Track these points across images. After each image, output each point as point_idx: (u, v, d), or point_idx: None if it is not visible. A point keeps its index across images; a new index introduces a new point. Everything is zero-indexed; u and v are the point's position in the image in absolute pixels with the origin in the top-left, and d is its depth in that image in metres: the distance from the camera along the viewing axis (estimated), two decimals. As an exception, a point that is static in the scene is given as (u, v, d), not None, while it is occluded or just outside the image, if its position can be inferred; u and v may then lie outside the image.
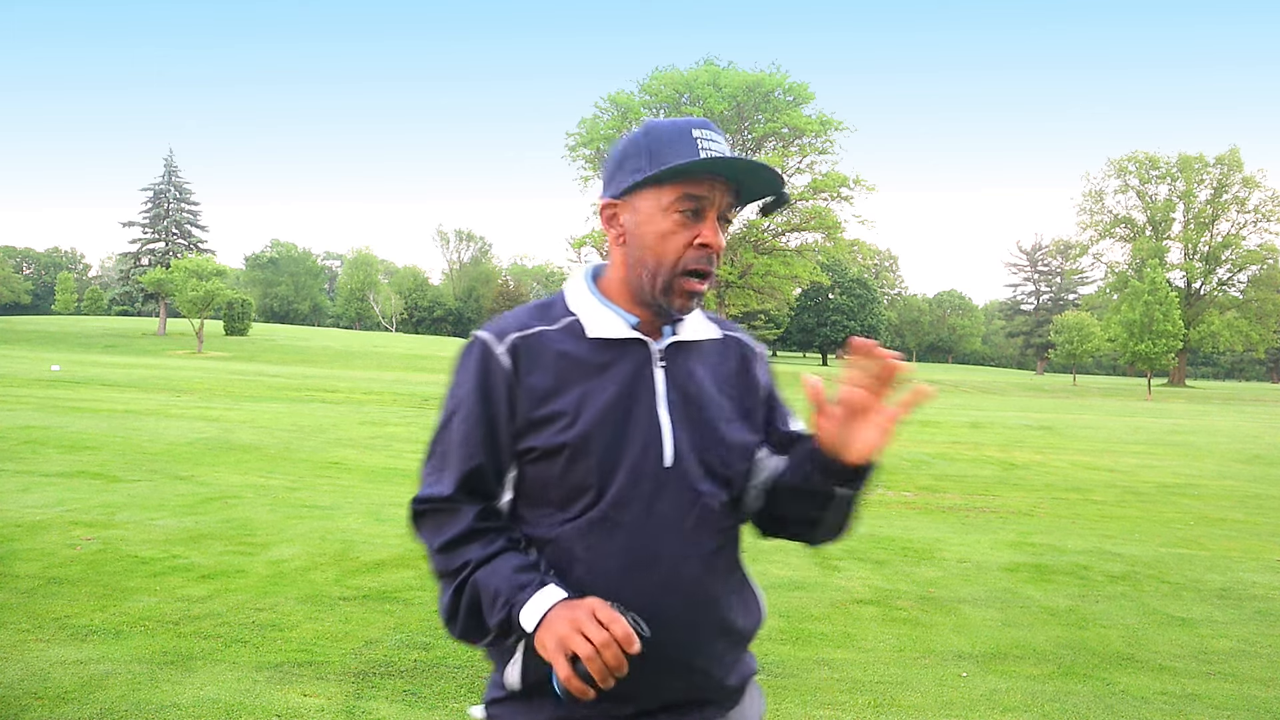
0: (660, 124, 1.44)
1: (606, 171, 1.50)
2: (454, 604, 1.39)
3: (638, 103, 51.70)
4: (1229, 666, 4.68)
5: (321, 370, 39.48)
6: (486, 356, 1.43)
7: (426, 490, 1.44)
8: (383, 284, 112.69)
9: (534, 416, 1.40)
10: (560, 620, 1.26)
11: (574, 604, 1.28)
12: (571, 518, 1.39)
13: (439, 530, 1.41)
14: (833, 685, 4.21)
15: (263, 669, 4.09)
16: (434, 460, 1.46)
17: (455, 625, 1.40)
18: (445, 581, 1.41)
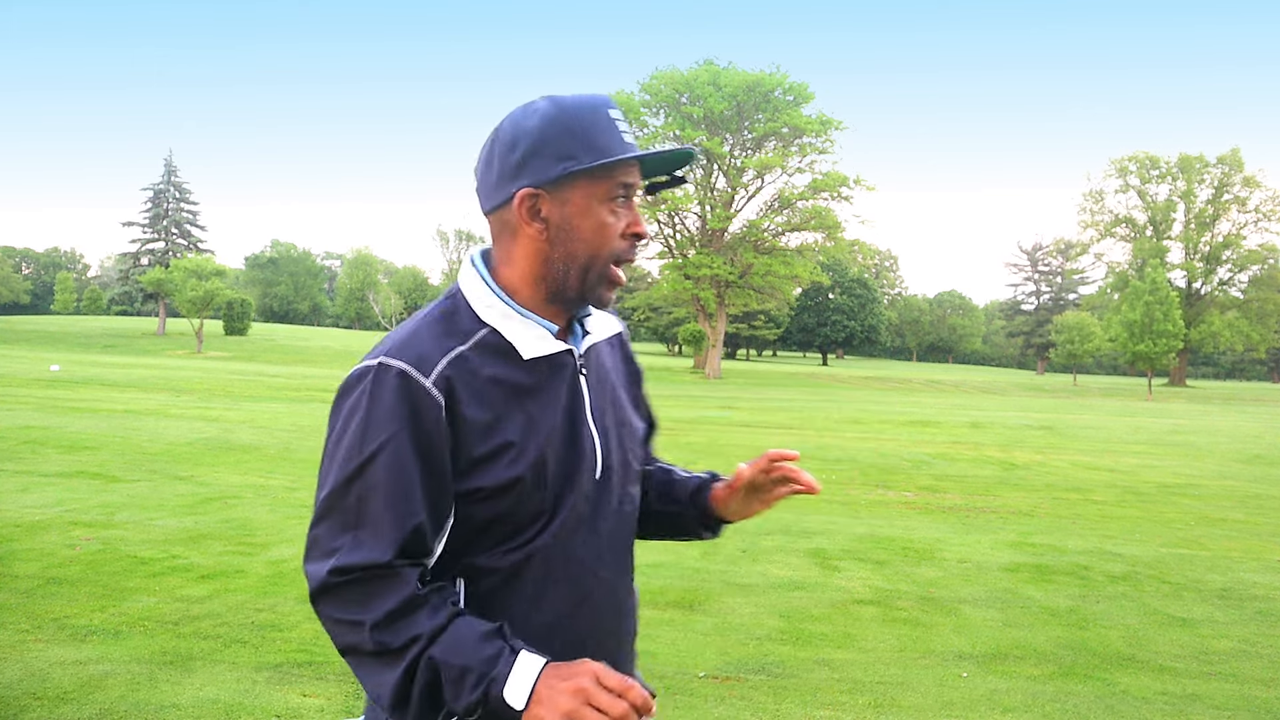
0: (575, 103, 1.31)
1: (515, 155, 1.27)
2: (403, 688, 1.16)
3: (638, 103, 51.70)
4: (1230, 667, 4.68)
5: (321, 370, 39.48)
6: (413, 392, 1.21)
7: (347, 558, 1.18)
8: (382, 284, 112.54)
9: (476, 455, 1.23)
10: (560, 694, 1.12)
11: (564, 670, 1.15)
12: (517, 547, 1.27)
13: (371, 601, 1.17)
14: (833, 685, 4.20)
15: (263, 669, 4.09)
16: (342, 518, 1.20)
17: (406, 712, 1.17)
18: (386, 661, 1.17)
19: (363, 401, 1.23)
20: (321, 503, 1.22)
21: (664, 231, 53.78)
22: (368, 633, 1.17)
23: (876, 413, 26.03)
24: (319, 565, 1.20)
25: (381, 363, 1.24)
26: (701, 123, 51.47)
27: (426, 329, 1.28)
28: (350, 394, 1.26)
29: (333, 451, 1.24)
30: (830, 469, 12.46)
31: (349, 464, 1.21)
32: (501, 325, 1.29)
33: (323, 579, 1.19)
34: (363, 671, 1.21)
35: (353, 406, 1.24)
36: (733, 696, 4.02)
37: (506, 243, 1.33)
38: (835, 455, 13.98)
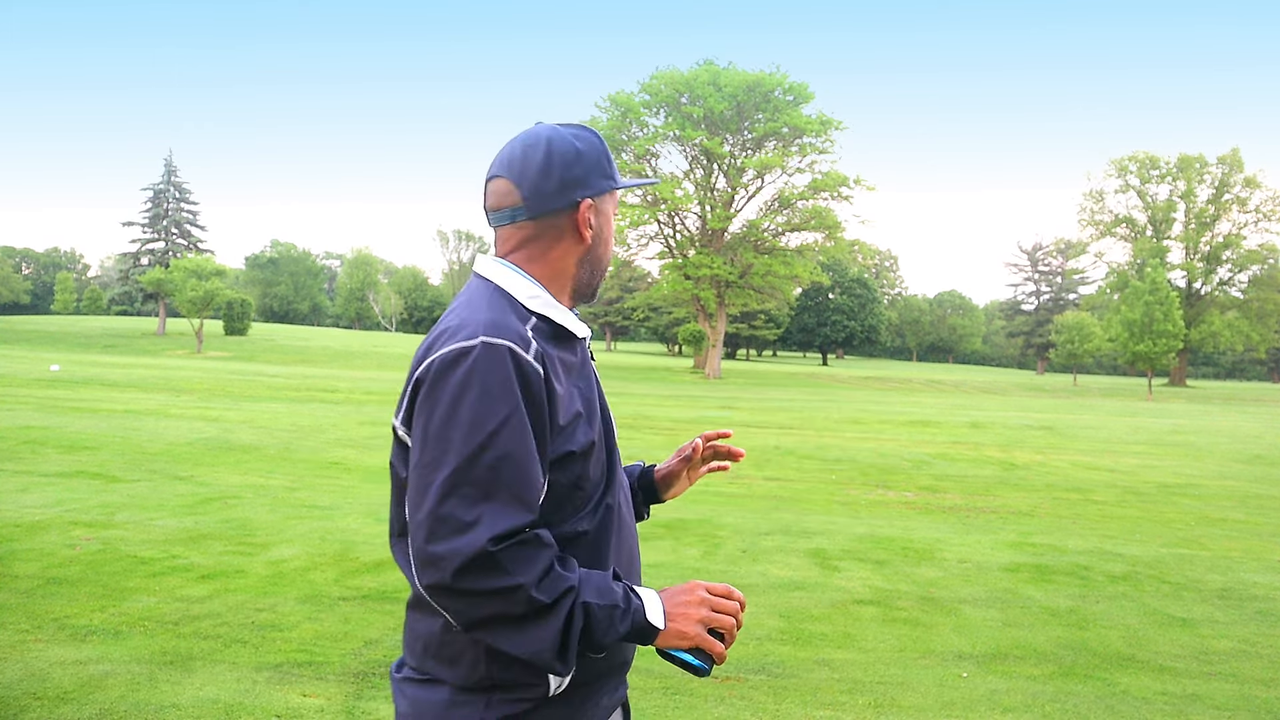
0: (593, 133, 1.55)
1: (577, 169, 1.48)
2: (564, 636, 1.29)
3: (638, 103, 51.66)
4: (1230, 667, 4.68)
5: (321, 370, 39.48)
6: (520, 365, 1.33)
7: (500, 524, 1.26)
8: (382, 284, 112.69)
9: (563, 422, 1.39)
10: (688, 608, 1.36)
11: (677, 590, 1.39)
12: (593, 509, 1.46)
13: (527, 564, 1.27)
14: (833, 685, 4.20)
15: (263, 669, 4.09)
16: (476, 490, 1.27)
17: (565, 657, 1.30)
18: (540, 618, 1.28)
19: (474, 378, 1.31)
20: (446, 480, 1.27)
21: (664, 231, 53.76)
22: (525, 594, 1.26)
23: (876, 413, 26.03)
24: (461, 539, 1.25)
25: (485, 341, 1.33)
26: (701, 123, 51.44)
27: (500, 314, 1.40)
28: (454, 372, 1.32)
29: (444, 430, 1.30)
30: (830, 469, 12.46)
31: (474, 437, 1.28)
32: (549, 313, 1.46)
33: (478, 550, 1.25)
34: (508, 636, 1.29)
35: (462, 384, 1.31)
36: (733, 696, 4.02)
37: (545, 243, 1.50)
38: (835, 455, 13.98)
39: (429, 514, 1.27)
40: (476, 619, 1.29)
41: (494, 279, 1.48)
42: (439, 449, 1.29)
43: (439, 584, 1.26)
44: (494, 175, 1.51)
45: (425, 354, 1.37)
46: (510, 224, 1.50)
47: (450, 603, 1.28)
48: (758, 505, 9.31)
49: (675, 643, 1.35)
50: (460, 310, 1.42)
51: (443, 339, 1.37)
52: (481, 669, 1.37)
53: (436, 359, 1.34)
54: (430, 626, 1.42)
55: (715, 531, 7.63)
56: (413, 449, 1.35)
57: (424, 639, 1.43)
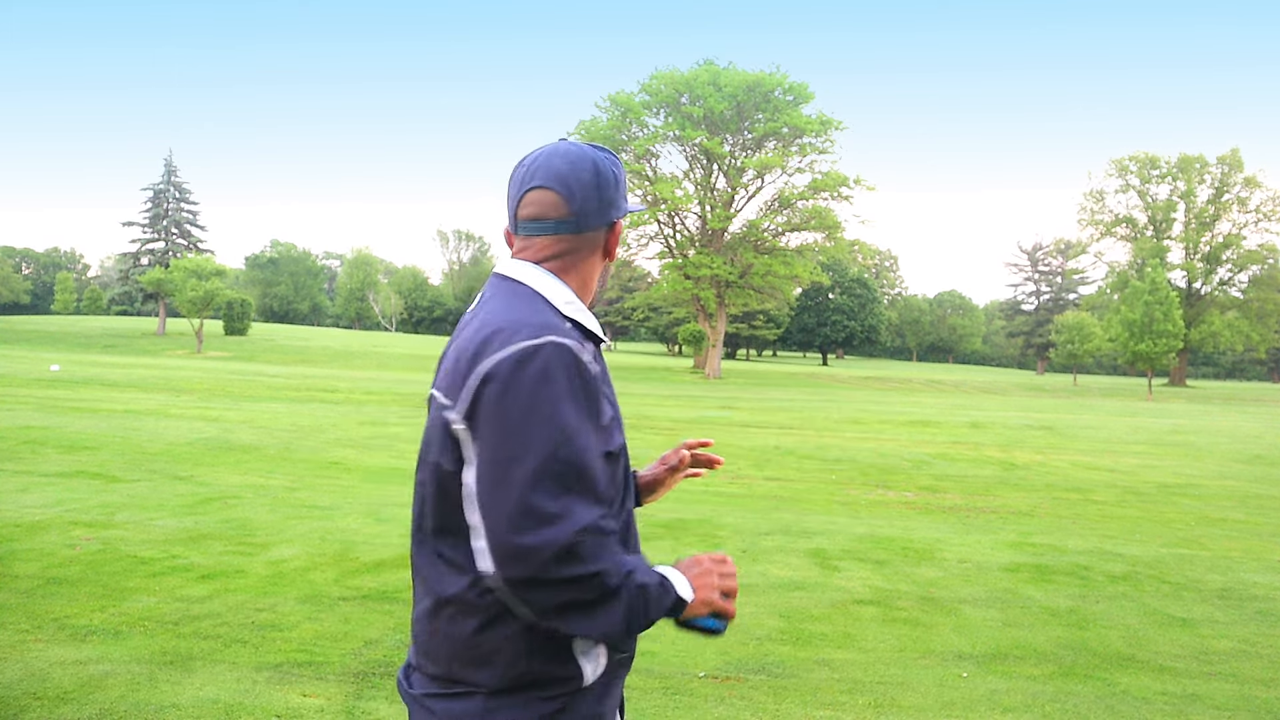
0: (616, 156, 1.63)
1: (616, 191, 1.57)
2: (628, 615, 1.36)
3: (638, 103, 51.66)
4: (1230, 667, 4.68)
5: (321, 370, 39.48)
6: (582, 366, 1.40)
7: (587, 516, 1.33)
8: (382, 284, 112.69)
9: (605, 421, 1.45)
10: (704, 577, 1.47)
11: (689, 563, 1.49)
12: (619, 509, 1.51)
13: (605, 551, 1.34)
14: (833, 685, 4.20)
15: (263, 669, 4.09)
16: (559, 484, 1.32)
17: (632, 634, 1.39)
18: (611, 600, 1.35)
19: (549, 374, 1.36)
20: (531, 474, 1.31)
21: (664, 231, 53.76)
22: (603, 580, 1.33)
23: (876, 413, 26.02)
24: (550, 530, 1.30)
25: (553, 340, 1.38)
26: (701, 123, 51.43)
27: (552, 317, 1.46)
28: (527, 369, 1.36)
29: (525, 425, 1.34)
30: (830, 469, 12.46)
31: (552, 432, 1.33)
32: (581, 319, 1.52)
33: (567, 540, 1.30)
34: (586, 621, 1.35)
35: (537, 380, 1.35)
36: (733, 696, 4.02)
37: (581, 256, 1.56)
38: (835, 455, 13.98)
39: (515, 508, 1.31)
40: (554, 605, 1.33)
41: (530, 283, 1.51)
42: (518, 444, 1.33)
43: (529, 576, 1.30)
44: (538, 185, 1.53)
45: (481, 349, 1.40)
46: (550, 235, 1.54)
47: (535, 593, 1.32)
48: (758, 505, 9.31)
49: (698, 611, 1.45)
50: (505, 310, 1.46)
51: (501, 337, 1.39)
52: (521, 665, 1.39)
53: (507, 356, 1.36)
54: (463, 628, 1.41)
55: (715, 531, 7.63)
56: (482, 444, 1.36)
57: (454, 642, 1.42)
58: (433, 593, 1.46)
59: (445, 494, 1.43)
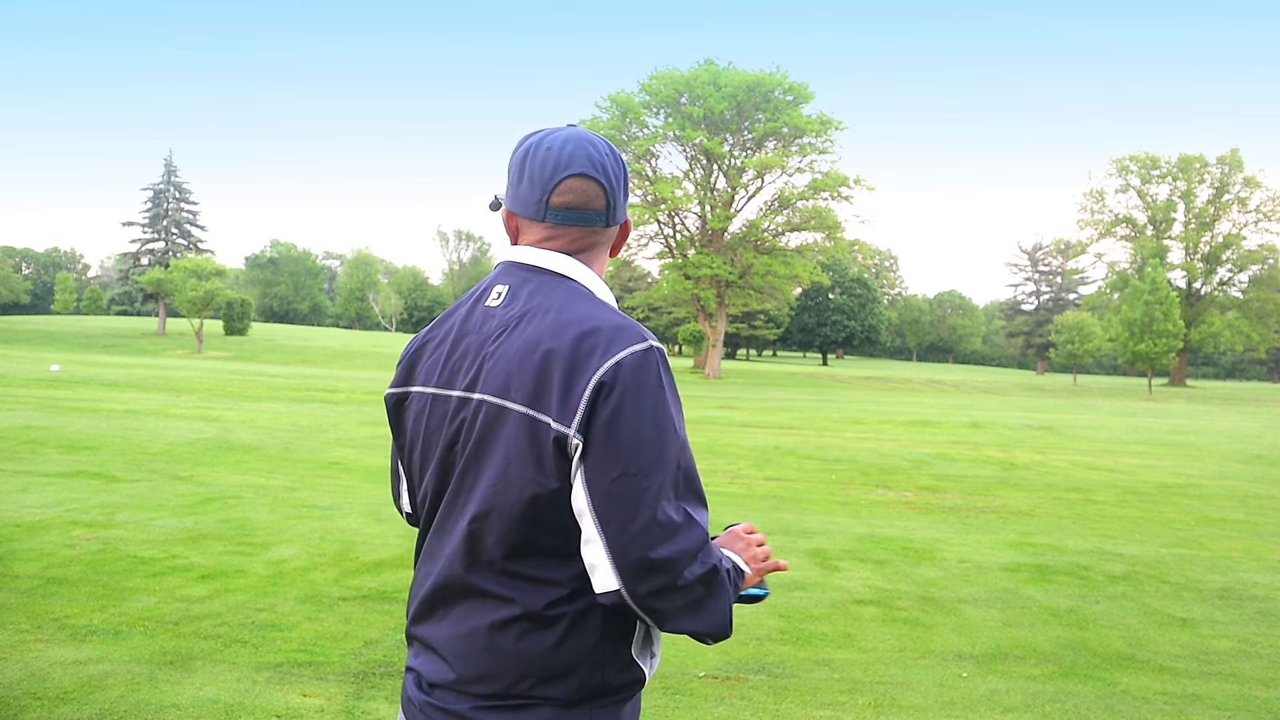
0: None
1: (620, 191, 1.49)
2: (729, 601, 1.40)
3: (638, 103, 51.67)
4: (1230, 667, 4.68)
5: (321, 370, 39.48)
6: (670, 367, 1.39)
7: (705, 520, 1.36)
8: (382, 284, 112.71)
9: None
10: (747, 549, 1.52)
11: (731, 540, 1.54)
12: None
13: (714, 550, 1.37)
14: (833, 685, 4.20)
15: (263, 669, 4.09)
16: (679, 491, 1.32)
17: (732, 621, 1.41)
18: (719, 588, 1.37)
19: (663, 382, 1.33)
20: (661, 487, 1.29)
21: (664, 231, 53.76)
22: (718, 573, 1.36)
23: (876, 413, 26.03)
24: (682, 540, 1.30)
25: (654, 345, 1.34)
26: (701, 123, 51.44)
27: (628, 318, 1.40)
28: (644, 376, 1.31)
29: (650, 435, 1.29)
30: (830, 469, 12.46)
31: (673, 441, 1.32)
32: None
33: (700, 543, 1.32)
34: (704, 615, 1.35)
35: (656, 388, 1.31)
36: (733, 696, 4.02)
37: (601, 250, 1.51)
38: (835, 455, 13.98)
39: (647, 522, 1.26)
40: (682, 606, 1.32)
41: (580, 279, 1.44)
42: (646, 456, 1.27)
43: (667, 586, 1.29)
44: (580, 173, 1.42)
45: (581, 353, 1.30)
46: (585, 226, 1.44)
47: (665, 602, 1.31)
48: (758, 505, 9.31)
49: (751, 582, 1.51)
50: (584, 309, 1.36)
51: (600, 338, 1.30)
52: (597, 675, 1.35)
53: (623, 362, 1.28)
54: (539, 645, 1.33)
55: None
56: (607, 457, 1.26)
57: (528, 659, 1.33)
58: (498, 611, 1.34)
59: (537, 513, 1.31)
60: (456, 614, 1.38)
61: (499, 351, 1.36)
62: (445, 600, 1.40)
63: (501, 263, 1.50)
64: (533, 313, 1.36)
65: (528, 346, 1.33)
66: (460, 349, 1.42)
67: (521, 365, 1.32)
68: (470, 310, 1.46)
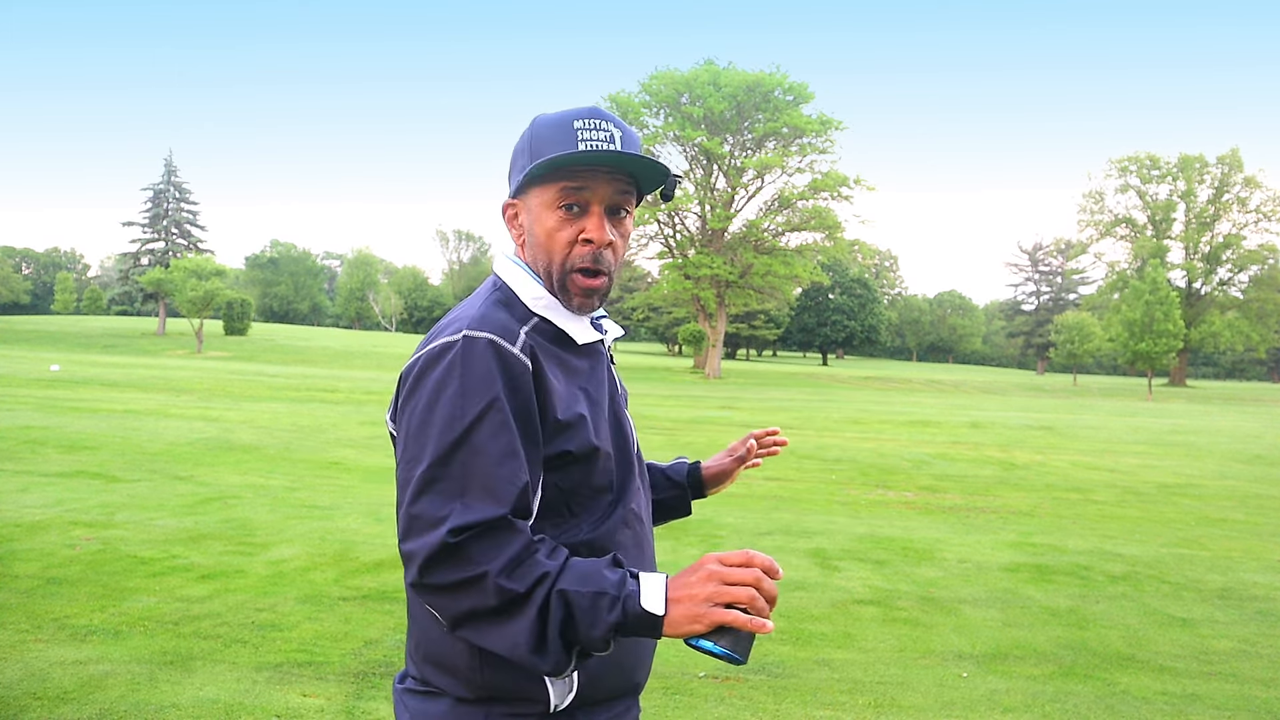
0: (544, 118, 1.41)
1: (510, 169, 1.46)
2: (539, 629, 1.18)
3: (638, 103, 51.65)
4: (1230, 667, 4.68)
5: (321, 370, 39.47)
6: (504, 357, 1.27)
7: (463, 517, 1.19)
8: (382, 284, 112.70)
9: (561, 419, 1.32)
10: (693, 586, 1.17)
11: (687, 570, 1.20)
12: (599, 519, 1.39)
13: (493, 552, 1.19)
14: (833, 685, 4.20)
15: (263, 669, 4.08)
16: (449, 485, 1.22)
17: (546, 653, 1.18)
18: (515, 610, 1.19)
19: (454, 372, 1.26)
20: (420, 478, 1.23)
21: (664, 231, 53.76)
22: (492, 582, 1.17)
23: (876, 413, 26.02)
24: (428, 536, 1.20)
25: (467, 335, 1.28)
26: (701, 123, 51.43)
27: (491, 310, 1.35)
28: (435, 368, 1.28)
29: (422, 427, 1.26)
30: (830, 469, 12.46)
31: (449, 433, 1.24)
32: (551, 315, 1.40)
33: (440, 541, 1.19)
34: (489, 632, 1.20)
35: (441, 379, 1.27)
36: (733, 696, 4.02)
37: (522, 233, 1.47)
38: (835, 455, 13.98)
39: (405, 512, 1.25)
40: (456, 615, 1.22)
41: (504, 277, 1.44)
42: (418, 445, 1.26)
43: (413, 581, 1.23)
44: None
45: (415, 352, 1.37)
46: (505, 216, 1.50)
47: (429, 599, 1.23)
48: (758, 505, 9.31)
49: (688, 629, 1.15)
50: (458, 308, 1.42)
51: (430, 336, 1.35)
52: (478, 676, 1.31)
53: (421, 356, 1.32)
54: (426, 631, 1.36)
55: (715, 531, 7.63)
56: (397, 446, 1.33)
57: (422, 645, 1.38)
58: (413, 601, 1.40)
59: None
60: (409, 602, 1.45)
61: None
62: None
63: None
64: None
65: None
66: None
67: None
68: None
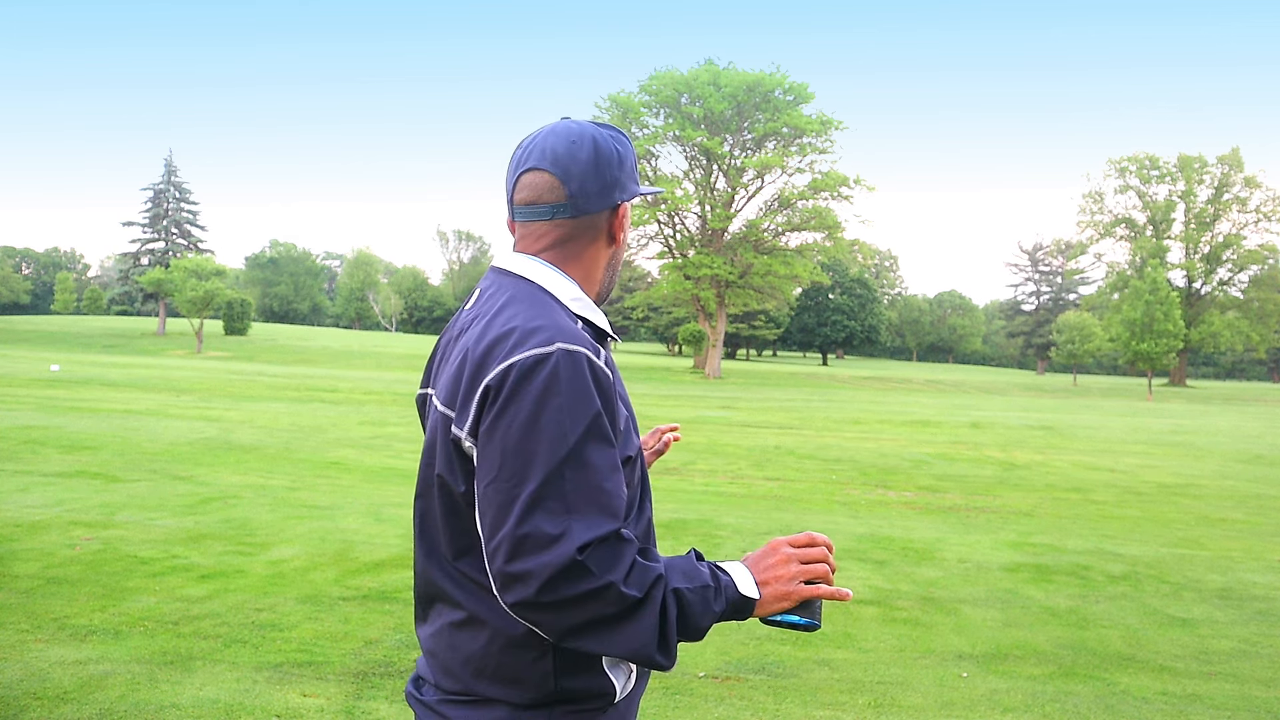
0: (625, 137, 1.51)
1: (619, 171, 1.45)
2: (662, 626, 1.25)
3: (638, 103, 51.66)
4: (1230, 667, 4.68)
5: (321, 370, 39.47)
6: (596, 373, 1.29)
7: (587, 534, 1.21)
8: (383, 284, 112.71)
9: (620, 427, 1.36)
10: (776, 569, 1.34)
11: (760, 555, 1.36)
12: (634, 518, 1.43)
13: (615, 563, 1.23)
14: (833, 685, 4.20)
15: (263, 669, 4.09)
16: (562, 503, 1.22)
17: (668, 648, 1.26)
18: (637, 613, 1.24)
19: (555, 387, 1.26)
20: (530, 497, 1.22)
21: (664, 231, 53.76)
22: (616, 592, 1.22)
23: (876, 413, 26.03)
24: (547, 554, 1.20)
25: (563, 348, 1.28)
26: (701, 123, 51.44)
27: (563, 318, 1.36)
28: (531, 382, 1.26)
29: (524, 444, 1.24)
30: (830, 469, 12.46)
31: (558, 451, 1.23)
32: (590, 316, 1.43)
33: (567, 559, 1.20)
34: (609, 637, 1.24)
35: (542, 394, 1.25)
36: (733, 696, 4.02)
37: (582, 243, 1.46)
38: (835, 455, 13.98)
39: (511, 533, 1.22)
40: (569, 627, 1.23)
41: (534, 278, 1.42)
42: (520, 463, 1.23)
43: (526, 600, 1.22)
44: (532, 168, 1.42)
45: (486, 358, 1.30)
46: (547, 220, 1.44)
47: (540, 616, 1.23)
48: (758, 505, 9.31)
49: (776, 607, 1.33)
50: (512, 312, 1.35)
51: (507, 342, 1.29)
52: (550, 684, 1.32)
53: (514, 366, 1.26)
54: (484, 646, 1.34)
55: (715, 531, 7.63)
56: (485, 462, 1.27)
57: (475, 660, 1.35)
58: (455, 612, 1.37)
59: (458, 514, 1.34)
60: (432, 613, 1.43)
61: (450, 353, 1.43)
62: (425, 599, 1.45)
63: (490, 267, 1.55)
64: (480, 316, 1.39)
65: (461, 349, 1.37)
66: (440, 350, 1.50)
67: (453, 367, 1.36)
68: (459, 313, 1.51)
